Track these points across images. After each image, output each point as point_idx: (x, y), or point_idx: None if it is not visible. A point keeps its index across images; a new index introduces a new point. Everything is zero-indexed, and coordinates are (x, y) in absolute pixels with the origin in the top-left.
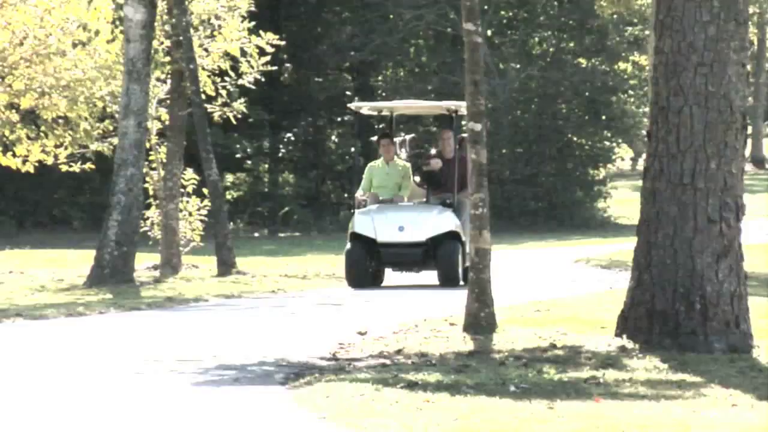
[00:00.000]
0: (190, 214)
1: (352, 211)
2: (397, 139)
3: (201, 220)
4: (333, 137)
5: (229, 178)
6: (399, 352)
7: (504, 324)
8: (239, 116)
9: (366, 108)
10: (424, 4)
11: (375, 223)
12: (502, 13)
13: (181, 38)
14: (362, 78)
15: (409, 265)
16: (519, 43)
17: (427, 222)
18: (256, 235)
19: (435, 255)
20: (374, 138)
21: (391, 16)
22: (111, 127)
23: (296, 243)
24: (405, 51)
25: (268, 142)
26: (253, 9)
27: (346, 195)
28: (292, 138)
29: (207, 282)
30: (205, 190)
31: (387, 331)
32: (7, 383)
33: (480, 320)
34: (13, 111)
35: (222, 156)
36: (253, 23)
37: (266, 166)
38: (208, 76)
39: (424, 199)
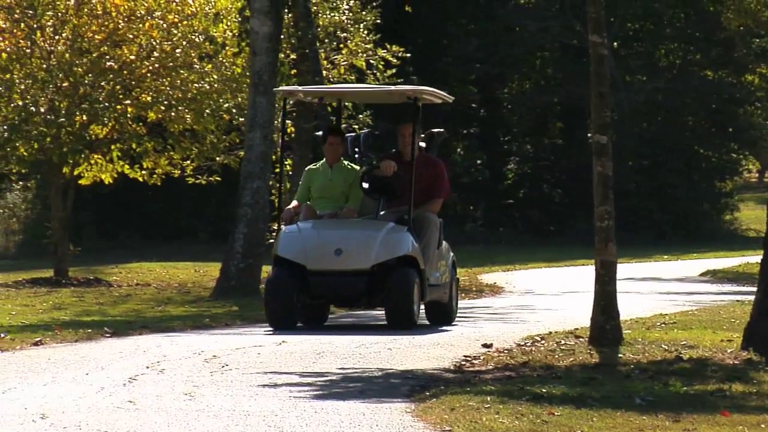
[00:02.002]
0: None
1: (280, 226)
2: (349, 136)
3: None
4: (458, 149)
5: None
6: (524, 364)
7: (630, 336)
8: (365, 128)
9: (301, 93)
10: (549, 16)
11: (305, 245)
12: (629, 25)
13: (307, 51)
14: (487, 90)
15: (350, 300)
16: (645, 55)
17: (373, 244)
18: None
19: (383, 287)
20: (319, 133)
21: (517, 28)
22: (237, 140)
23: None
24: (530, 63)
25: None
26: (378, 22)
27: (471, 207)
28: None
29: None
30: None
31: (512, 343)
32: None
33: (606, 333)
34: (141, 124)
35: None
36: (379, 36)
37: None
38: None
39: (374, 215)
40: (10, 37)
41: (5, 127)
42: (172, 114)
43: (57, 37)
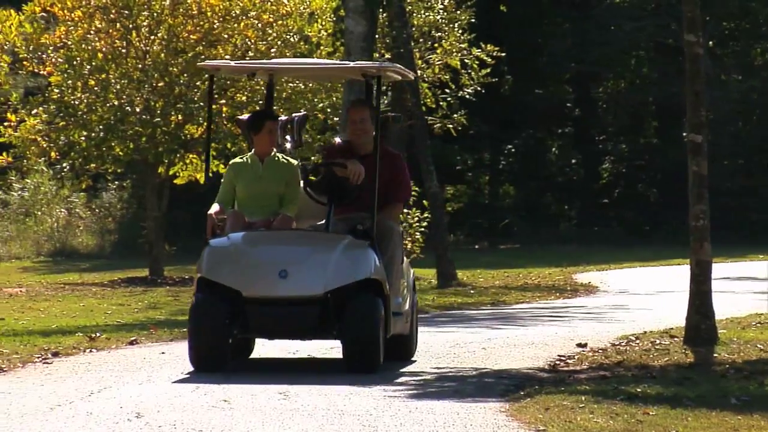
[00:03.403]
0: (411, 226)
1: (206, 240)
2: (281, 118)
3: (421, 232)
4: (553, 149)
5: (450, 189)
6: (619, 364)
7: (725, 336)
8: (459, 128)
9: (227, 69)
10: (644, 15)
11: (239, 265)
12: (724, 24)
13: (401, 50)
14: (582, 89)
15: (296, 334)
16: (741, 54)
17: (327, 264)
18: (476, 247)
19: (339, 318)
20: (243, 117)
21: (612, 27)
22: (332, 140)
23: (516, 255)
24: (625, 62)
25: (489, 154)
26: (473, 21)
27: (566, 207)
28: (513, 150)
29: (427, 294)
30: (425, 202)
31: (607, 343)
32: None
33: (701, 332)
34: (235, 124)
35: (442, 168)
36: (473, 35)
37: (486, 177)
38: (429, 89)
39: (323, 222)
40: (105, 38)
41: (101, 126)
42: None
43: (152, 37)
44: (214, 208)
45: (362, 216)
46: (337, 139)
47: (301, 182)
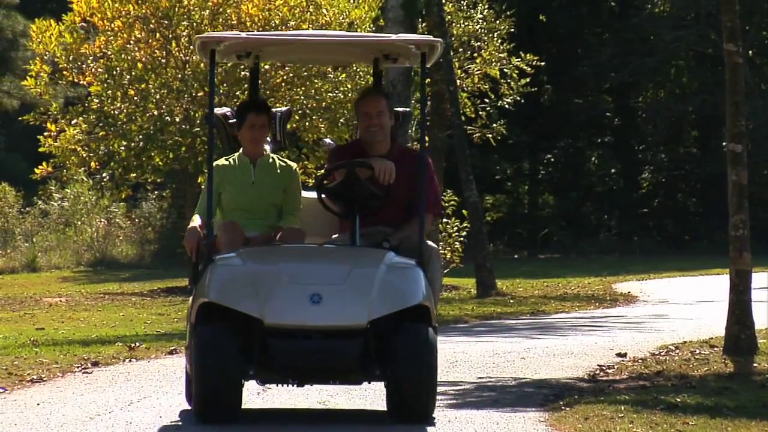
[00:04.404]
0: (450, 236)
1: (194, 262)
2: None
3: (460, 242)
4: (593, 158)
5: (489, 199)
6: (659, 374)
7: (765, 346)
8: (499, 138)
9: (222, 47)
10: (684, 24)
11: (258, 286)
12: (764, 33)
13: (440, 60)
14: (622, 99)
15: (333, 375)
16: None
17: (371, 285)
18: (515, 256)
19: (386, 355)
20: (222, 111)
21: (651, 37)
22: None
23: (555, 264)
24: (665, 72)
25: (528, 164)
26: (512, 30)
27: (606, 216)
28: (552, 159)
29: (467, 303)
30: (464, 212)
31: (647, 353)
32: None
33: (740, 342)
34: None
35: (481, 177)
36: (513, 45)
37: (526, 187)
38: (468, 98)
39: (337, 235)
40: (145, 47)
41: (141, 136)
42: (307, 123)
43: (192, 47)
44: (195, 221)
45: (385, 231)
46: (328, 140)
47: (305, 191)
